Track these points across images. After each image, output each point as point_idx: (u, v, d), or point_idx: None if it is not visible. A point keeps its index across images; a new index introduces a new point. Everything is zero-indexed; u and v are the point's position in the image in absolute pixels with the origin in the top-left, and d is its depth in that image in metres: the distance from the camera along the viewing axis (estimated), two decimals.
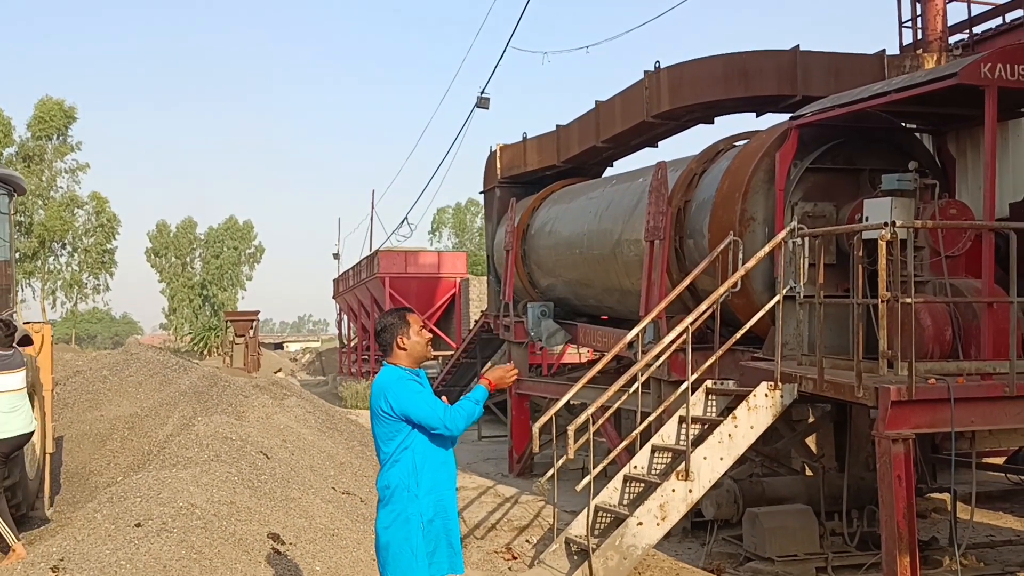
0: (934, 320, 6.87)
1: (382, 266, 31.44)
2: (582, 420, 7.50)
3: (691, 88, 10.75)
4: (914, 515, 6.58)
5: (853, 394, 6.66)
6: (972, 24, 12.99)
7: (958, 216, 7.43)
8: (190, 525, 6.55)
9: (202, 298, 67.48)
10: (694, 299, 8.74)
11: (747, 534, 8.30)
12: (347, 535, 7.71)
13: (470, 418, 4.56)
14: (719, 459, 7.33)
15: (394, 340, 4.65)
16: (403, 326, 4.67)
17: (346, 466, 10.58)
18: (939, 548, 8.39)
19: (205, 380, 13.26)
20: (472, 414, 4.56)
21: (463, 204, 71.68)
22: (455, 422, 4.51)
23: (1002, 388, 6.53)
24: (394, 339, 4.65)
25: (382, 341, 4.70)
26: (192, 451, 8.54)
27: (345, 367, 39.18)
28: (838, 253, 8.00)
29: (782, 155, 8.22)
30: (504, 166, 15.55)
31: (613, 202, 11.87)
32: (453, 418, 4.51)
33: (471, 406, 4.55)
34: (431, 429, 4.51)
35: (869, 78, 10.15)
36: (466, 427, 4.58)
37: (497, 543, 9.46)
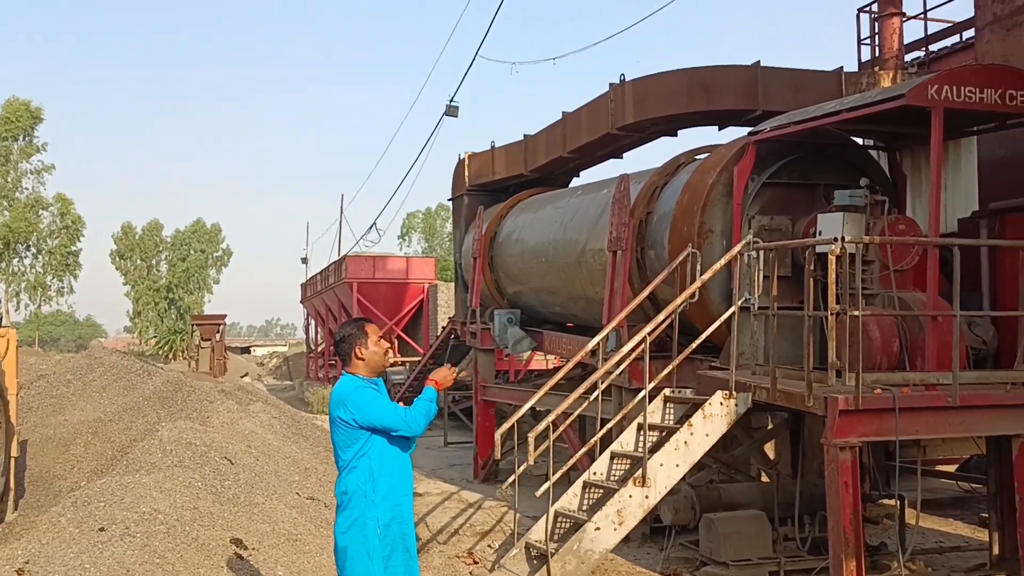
0: (882, 332, 7.11)
1: (350, 271, 31.41)
2: (542, 427, 7.64)
3: (655, 101, 10.97)
4: (860, 521, 6.80)
5: (804, 403, 6.87)
6: (928, 42, 13.40)
7: (906, 232, 7.68)
8: (153, 530, 6.61)
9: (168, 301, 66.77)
10: (655, 308, 8.92)
11: (703, 539, 8.49)
12: (310, 540, 7.79)
13: (428, 416, 4.71)
14: (675, 466, 7.51)
15: (353, 350, 4.77)
16: (362, 336, 4.78)
17: (311, 471, 10.64)
18: (888, 553, 8.64)
19: (170, 385, 13.23)
20: (429, 412, 4.71)
21: (433, 209, 71.59)
22: (416, 421, 4.67)
23: (945, 398, 6.77)
24: (353, 349, 4.77)
25: (341, 351, 4.82)
26: (156, 456, 8.58)
27: (312, 372, 39.04)
28: (793, 266, 8.22)
29: (740, 169, 8.43)
30: (472, 174, 15.69)
31: (578, 212, 12.05)
32: (414, 417, 4.66)
33: (427, 405, 4.71)
34: (394, 431, 4.64)
35: (828, 94, 10.43)
36: (426, 425, 4.73)
37: (459, 548, 9.57)
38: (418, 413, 4.67)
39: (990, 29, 8.40)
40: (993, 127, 8.15)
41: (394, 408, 4.66)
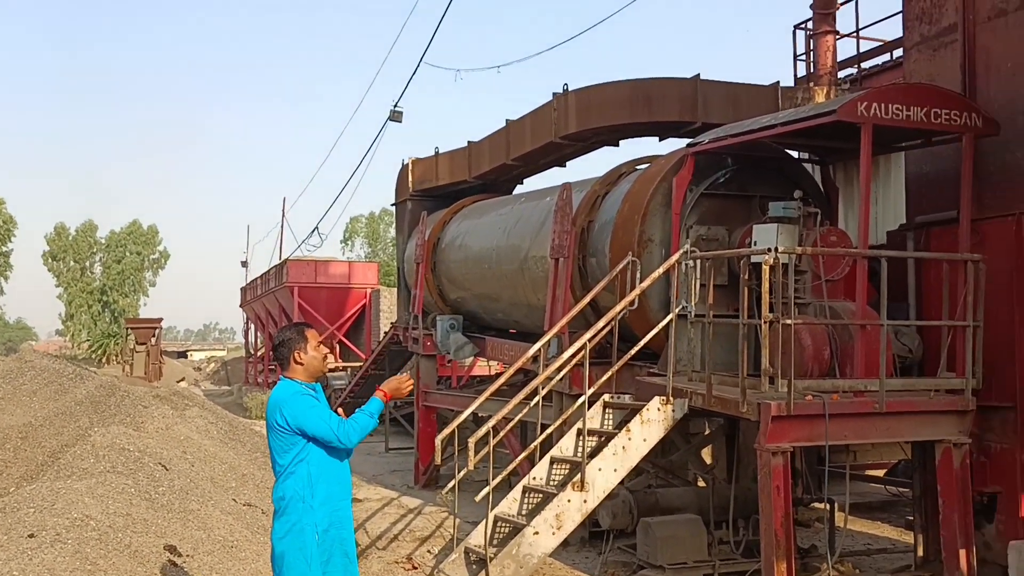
0: (813, 340, 7.32)
1: (291, 275, 31.08)
2: (483, 432, 7.69)
3: (598, 111, 11.13)
4: (791, 524, 6.99)
5: (738, 409, 7.04)
6: (860, 60, 13.82)
7: (837, 243, 7.92)
8: (85, 536, 6.47)
9: (102, 304, 65.23)
10: (596, 315, 9.04)
11: (640, 543, 8.62)
12: (247, 547, 7.71)
13: (364, 431, 4.68)
14: (613, 470, 7.62)
15: (291, 355, 4.75)
16: (300, 341, 4.77)
17: (248, 478, 10.51)
18: (818, 555, 8.87)
19: (103, 389, 12.94)
20: (366, 427, 4.68)
21: (376, 214, 71.22)
22: (348, 436, 4.63)
23: (872, 405, 7.01)
24: (292, 353, 4.75)
25: (279, 355, 4.79)
26: (88, 462, 8.39)
27: (251, 377, 38.47)
28: (729, 275, 8.41)
29: (679, 180, 8.60)
30: (416, 180, 15.69)
31: (521, 219, 12.14)
32: (346, 432, 4.63)
33: (365, 419, 4.68)
34: (325, 443, 4.62)
35: (764, 108, 10.71)
36: (360, 440, 4.70)
37: (399, 553, 9.56)
38: (354, 428, 4.63)
39: (917, 49, 8.71)
40: (920, 143, 8.45)
41: (327, 419, 4.62)
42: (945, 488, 7.40)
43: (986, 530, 7.83)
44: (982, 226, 7.85)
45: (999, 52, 7.95)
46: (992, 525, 7.81)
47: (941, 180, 8.39)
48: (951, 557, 7.36)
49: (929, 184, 8.61)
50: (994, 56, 8.00)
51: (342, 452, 4.77)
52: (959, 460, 7.35)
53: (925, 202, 8.61)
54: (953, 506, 7.33)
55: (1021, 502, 7.61)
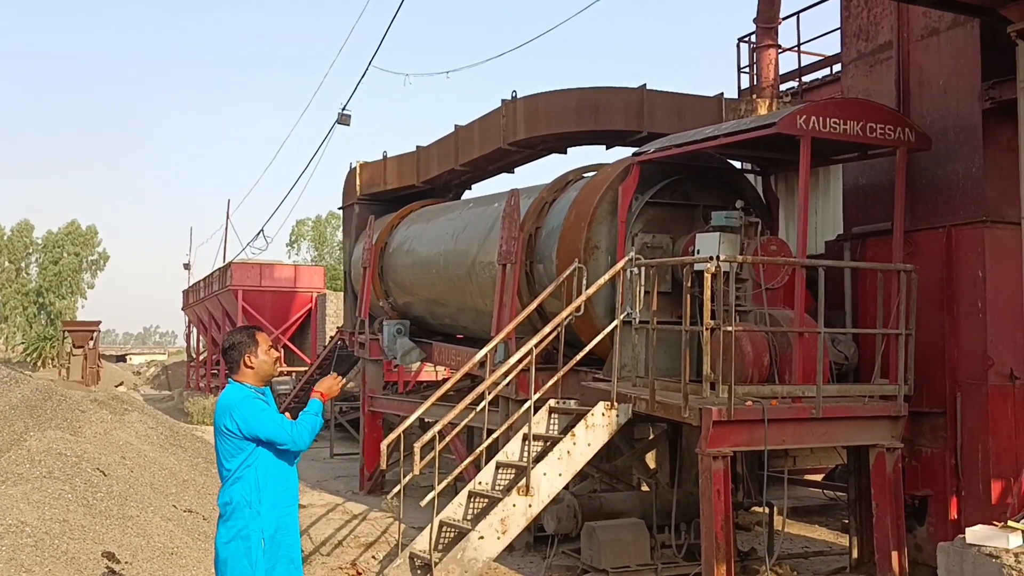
0: (754, 347, 7.48)
1: (235, 278, 30.65)
2: (428, 437, 7.70)
3: (545, 119, 11.24)
4: (732, 527, 7.14)
5: (681, 414, 7.17)
6: (801, 74, 14.17)
7: (777, 252, 8.11)
8: (19, 543, 6.33)
9: (37, 306, 63.53)
10: (543, 321, 9.11)
11: (585, 547, 8.70)
12: (187, 554, 7.61)
13: (313, 431, 4.70)
14: (558, 475, 7.68)
15: (242, 358, 4.72)
16: (251, 345, 4.74)
17: (189, 483, 10.35)
18: (757, 558, 9.05)
19: (39, 393, 12.63)
20: (314, 427, 4.70)
21: (323, 217, 70.59)
22: (301, 436, 4.64)
23: (809, 410, 7.20)
24: (242, 357, 4.72)
25: (229, 359, 4.76)
26: (23, 467, 8.20)
27: (193, 382, 37.79)
28: (673, 282, 8.55)
29: (624, 189, 8.73)
30: (364, 183, 15.63)
31: (469, 224, 12.17)
32: (299, 432, 4.64)
33: (312, 419, 4.69)
34: (279, 445, 4.61)
35: (709, 118, 10.94)
36: (311, 439, 4.70)
37: (343, 559, 9.50)
38: (303, 428, 4.65)
39: (854, 65, 8.98)
40: (856, 156, 8.71)
41: (280, 422, 4.62)
42: (878, 492, 7.63)
43: (917, 532, 8.08)
44: (915, 237, 8.12)
45: (932, 69, 8.24)
46: (923, 527, 8.07)
47: (876, 192, 8.65)
48: (884, 559, 7.58)
49: (865, 196, 8.87)
50: (927, 73, 8.29)
51: (290, 456, 4.75)
52: (891, 464, 7.58)
53: (861, 213, 8.87)
54: (886, 509, 7.56)
55: (951, 505, 7.87)
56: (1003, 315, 7.71)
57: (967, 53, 7.89)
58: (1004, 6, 6.69)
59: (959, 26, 7.95)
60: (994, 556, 6.12)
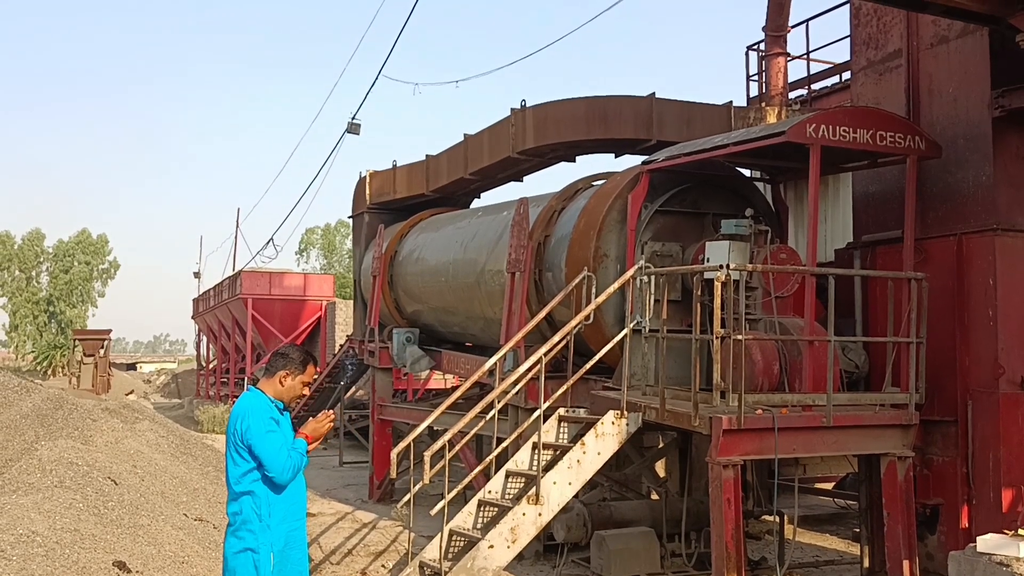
0: (764, 355, 7.47)
1: (245, 287, 30.75)
2: (438, 446, 7.71)
3: (555, 127, 11.25)
4: (742, 536, 7.11)
5: (691, 423, 7.16)
6: (810, 82, 14.16)
7: (787, 260, 8.10)
8: (30, 553, 6.35)
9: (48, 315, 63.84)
10: (552, 330, 9.12)
11: (594, 556, 8.69)
12: (198, 563, 7.62)
13: (296, 469, 4.75)
14: (568, 484, 7.68)
15: (282, 371, 4.79)
16: (299, 369, 4.86)
17: (200, 492, 10.38)
18: (768, 567, 9.03)
19: (50, 402, 12.68)
20: (298, 466, 4.76)
21: (332, 225, 70.77)
22: (285, 472, 4.69)
23: (820, 419, 7.17)
24: (283, 370, 4.80)
25: (273, 363, 4.85)
26: (34, 476, 8.23)
27: (203, 390, 37.90)
28: (683, 290, 8.55)
29: (634, 197, 8.74)
30: (373, 192, 15.68)
31: (479, 233, 12.20)
32: (287, 467, 4.67)
33: (299, 458, 4.75)
34: (265, 469, 4.63)
35: (718, 127, 10.93)
36: (293, 476, 4.75)
37: (353, 568, 9.50)
38: (290, 464, 4.69)
39: (864, 73, 8.98)
40: (866, 164, 8.70)
41: (278, 450, 4.64)
42: (889, 500, 7.59)
43: (929, 541, 8.04)
44: (925, 245, 8.10)
45: (941, 77, 8.23)
46: (934, 536, 8.03)
47: (886, 200, 8.64)
48: (895, 568, 7.54)
49: (875, 204, 8.85)
50: (936, 81, 8.27)
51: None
52: (903, 473, 7.54)
53: (871, 221, 8.86)
54: (897, 518, 7.52)
55: (962, 513, 7.83)
56: (1014, 323, 7.68)
57: (977, 61, 7.88)
58: (1013, 15, 6.69)
59: (968, 34, 7.94)
60: (1005, 565, 6.08)
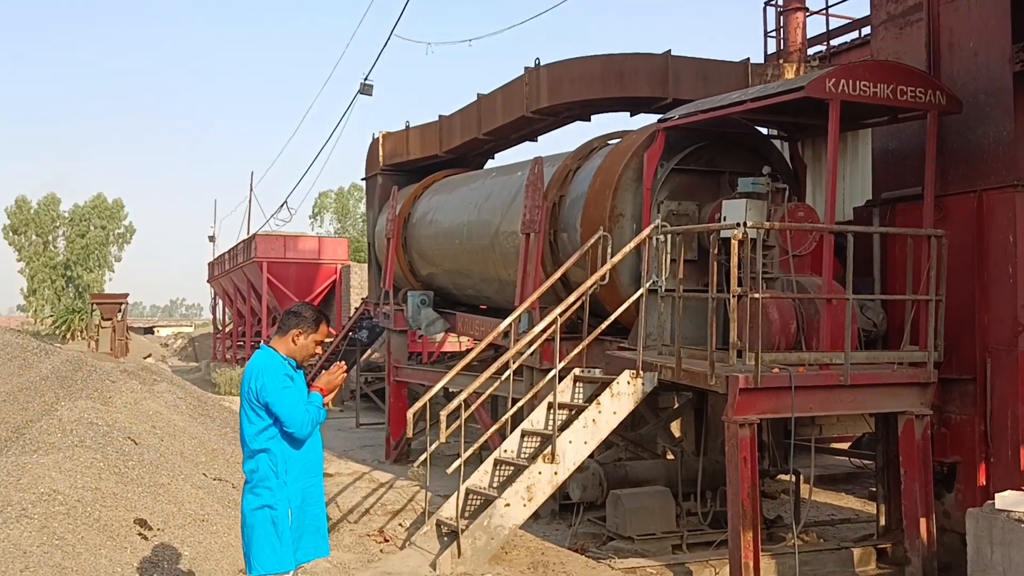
0: (781, 314, 7.42)
1: (260, 250, 30.82)
2: (454, 406, 7.73)
3: (569, 86, 11.12)
4: (758, 494, 7.13)
5: (707, 382, 7.14)
6: (829, 37, 13.90)
7: (805, 218, 8.01)
8: (52, 511, 6.43)
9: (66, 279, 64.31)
10: (567, 290, 9.09)
11: (610, 515, 8.73)
12: (218, 520, 7.70)
13: (315, 423, 4.75)
14: (583, 443, 7.70)
15: (295, 329, 4.77)
16: (311, 328, 4.83)
17: (218, 452, 10.48)
18: (783, 526, 9.06)
19: (69, 364, 12.78)
20: (316, 419, 4.76)
21: (346, 189, 70.70)
22: (304, 426, 4.68)
23: (838, 377, 7.14)
24: (295, 328, 4.78)
25: (285, 322, 4.84)
26: (55, 436, 8.31)
27: (219, 353, 38.20)
28: (699, 249, 8.49)
29: (650, 155, 8.64)
30: (387, 154, 15.59)
31: (492, 194, 12.13)
32: (305, 421, 4.68)
33: (316, 412, 4.74)
34: (284, 425, 4.63)
35: (735, 84, 10.76)
36: (312, 430, 4.76)
37: (370, 527, 9.60)
38: (308, 419, 4.70)
39: (884, 27, 8.79)
40: (886, 120, 8.56)
41: (296, 404, 4.63)
42: (907, 459, 7.58)
43: (946, 499, 8.03)
44: (945, 202, 7.99)
45: (962, 31, 8.06)
46: (952, 494, 8.02)
47: (906, 157, 8.51)
48: (912, 526, 7.55)
49: (895, 161, 8.73)
50: (957, 35, 8.10)
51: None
52: (920, 431, 7.52)
53: (891, 178, 8.73)
54: (914, 476, 7.51)
55: (979, 472, 7.81)
56: None
57: (997, 15, 7.71)
58: None
59: None
60: (1022, 521, 6.07)
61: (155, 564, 6.46)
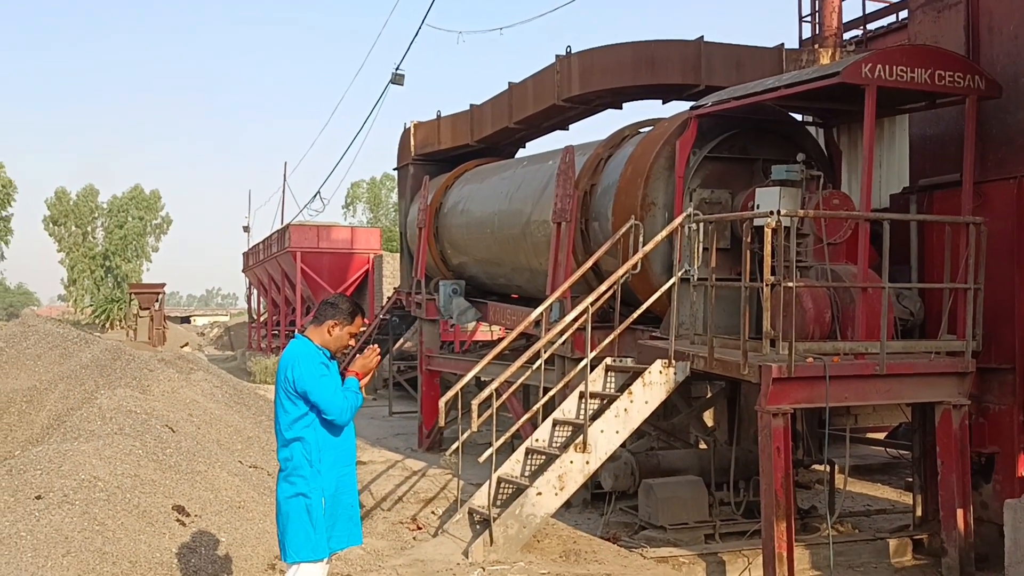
0: (815, 303, 7.34)
1: (293, 240, 31.07)
2: (486, 394, 7.75)
3: (600, 74, 11.06)
4: (791, 484, 7.07)
5: (739, 371, 7.09)
6: (866, 22, 13.67)
7: (840, 206, 7.91)
8: (92, 497, 6.56)
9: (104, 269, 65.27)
10: (598, 279, 9.07)
11: (642, 504, 8.72)
12: (253, 507, 7.81)
13: (354, 408, 4.79)
14: (615, 432, 7.69)
15: (330, 320, 4.81)
16: (346, 320, 4.86)
17: (253, 440, 10.61)
18: (818, 516, 8.98)
19: (108, 353, 13.00)
20: (355, 405, 4.80)
21: (378, 179, 70.91)
22: (344, 413, 4.72)
23: (873, 367, 7.05)
24: (331, 319, 4.82)
25: (322, 312, 4.87)
26: (95, 424, 8.47)
27: (254, 342, 38.61)
28: (732, 238, 8.42)
29: (682, 143, 8.58)
30: (418, 143, 15.63)
31: (524, 183, 12.11)
32: (344, 408, 4.71)
33: (353, 397, 4.78)
34: (324, 413, 4.68)
35: (769, 70, 10.63)
36: (351, 416, 4.81)
37: (403, 514, 9.67)
38: (347, 405, 4.74)
39: (922, 11, 8.63)
40: (923, 106, 8.41)
41: (334, 391, 4.67)
42: (944, 449, 7.47)
43: (983, 490, 7.92)
44: (984, 188, 7.85)
45: (1002, 14, 7.89)
46: (989, 485, 7.91)
47: (944, 143, 8.37)
48: (949, 517, 7.45)
49: (932, 147, 8.58)
50: (997, 18, 7.94)
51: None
52: (958, 421, 7.41)
53: (928, 165, 8.59)
54: (951, 467, 7.41)
55: (1018, 462, 7.69)
56: None
57: None
58: None
59: None
60: None
61: (193, 549, 6.57)
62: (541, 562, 7.50)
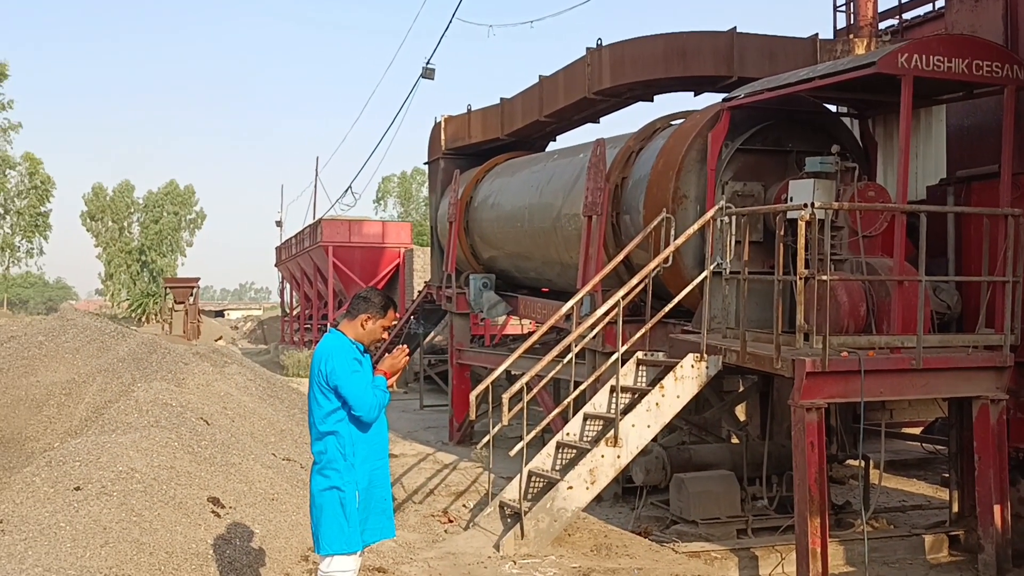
0: (850, 296, 7.25)
1: (325, 235, 31.29)
2: (516, 388, 7.76)
3: (631, 66, 10.99)
4: (825, 479, 7.00)
5: (772, 365, 7.03)
6: (902, 11, 13.47)
7: (875, 198, 7.81)
8: (130, 488, 6.66)
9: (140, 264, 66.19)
10: (629, 273, 9.03)
11: (674, 498, 8.68)
12: (287, 500, 7.88)
13: (381, 406, 4.81)
14: (647, 426, 7.66)
15: (363, 314, 4.85)
16: (380, 313, 4.89)
17: (287, 433, 10.71)
18: (852, 511, 8.89)
19: (144, 347, 13.18)
20: (383, 403, 4.82)
21: (408, 173, 71.21)
22: (372, 410, 4.75)
23: (909, 361, 6.96)
24: (364, 313, 4.85)
25: (355, 306, 4.91)
26: (132, 417, 8.59)
27: (287, 336, 38.98)
28: (764, 231, 8.34)
29: (714, 135, 8.50)
30: (448, 138, 15.65)
31: (554, 177, 12.09)
32: (373, 405, 4.74)
33: (382, 395, 4.80)
34: (352, 408, 4.71)
35: (803, 61, 10.51)
36: (379, 414, 4.83)
37: (435, 507, 9.71)
38: (376, 402, 4.77)
39: (959, 0, 8.49)
40: (961, 96, 8.27)
41: (365, 387, 4.70)
42: (981, 444, 7.36)
43: (1021, 486, 7.80)
44: (1023, 180, 7.70)
45: None
46: None
47: (982, 133, 8.22)
48: (986, 513, 7.34)
49: (970, 138, 8.44)
50: None
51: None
52: (996, 416, 7.30)
53: (966, 156, 8.45)
54: (989, 462, 7.30)
55: None
56: None
57: None
58: None
59: None
60: None
61: (228, 541, 6.65)
62: (572, 556, 7.49)
